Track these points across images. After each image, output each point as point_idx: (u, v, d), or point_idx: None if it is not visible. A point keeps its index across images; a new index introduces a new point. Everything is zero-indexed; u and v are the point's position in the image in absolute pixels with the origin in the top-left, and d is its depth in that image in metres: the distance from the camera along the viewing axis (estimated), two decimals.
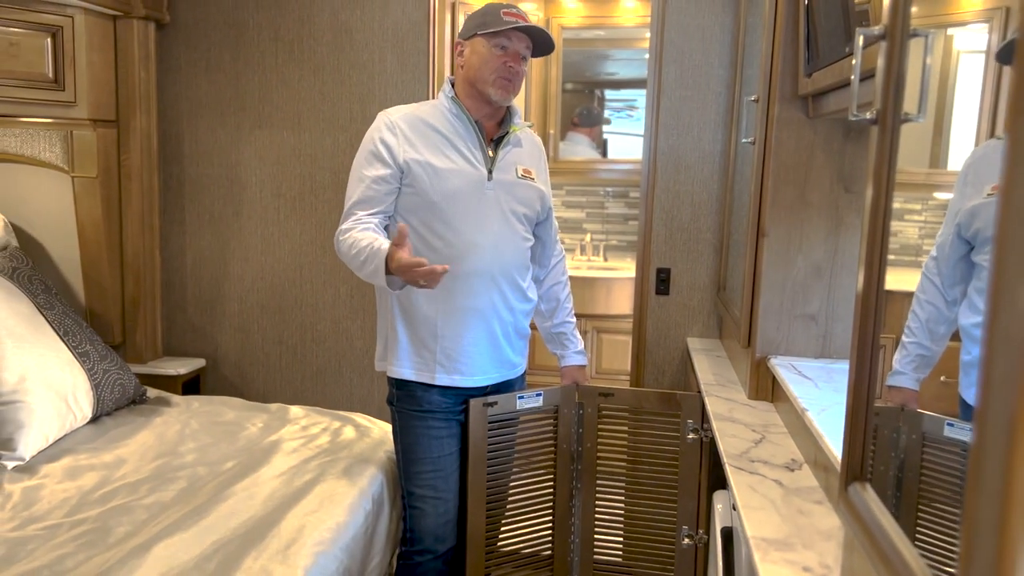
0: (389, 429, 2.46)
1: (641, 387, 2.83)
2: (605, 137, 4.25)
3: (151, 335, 2.99)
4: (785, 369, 1.92)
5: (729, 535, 1.75)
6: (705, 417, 2.09)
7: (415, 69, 2.83)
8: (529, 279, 2.13)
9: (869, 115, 1.03)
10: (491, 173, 1.99)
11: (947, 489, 1.16)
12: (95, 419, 2.42)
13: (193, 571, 1.60)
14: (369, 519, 2.01)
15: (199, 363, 3.03)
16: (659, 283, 2.77)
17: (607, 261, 4.17)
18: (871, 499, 1.01)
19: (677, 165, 2.70)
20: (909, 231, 2.11)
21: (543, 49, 2.02)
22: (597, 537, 2.28)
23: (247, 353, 3.08)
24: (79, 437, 2.30)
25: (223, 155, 2.98)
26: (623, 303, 3.69)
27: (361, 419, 2.56)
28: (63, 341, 2.42)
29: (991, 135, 1.24)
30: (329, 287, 2.99)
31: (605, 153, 4.24)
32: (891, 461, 1.32)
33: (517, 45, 1.96)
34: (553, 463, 2.25)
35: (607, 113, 4.27)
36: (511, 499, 2.22)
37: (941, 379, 1.43)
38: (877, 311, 1.02)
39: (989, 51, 1.21)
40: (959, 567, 0.58)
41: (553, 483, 2.26)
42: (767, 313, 2.03)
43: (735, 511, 1.50)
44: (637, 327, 2.83)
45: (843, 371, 1.92)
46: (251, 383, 3.08)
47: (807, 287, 2.02)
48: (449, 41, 3.53)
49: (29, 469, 2.09)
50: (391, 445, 2.32)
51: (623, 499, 2.29)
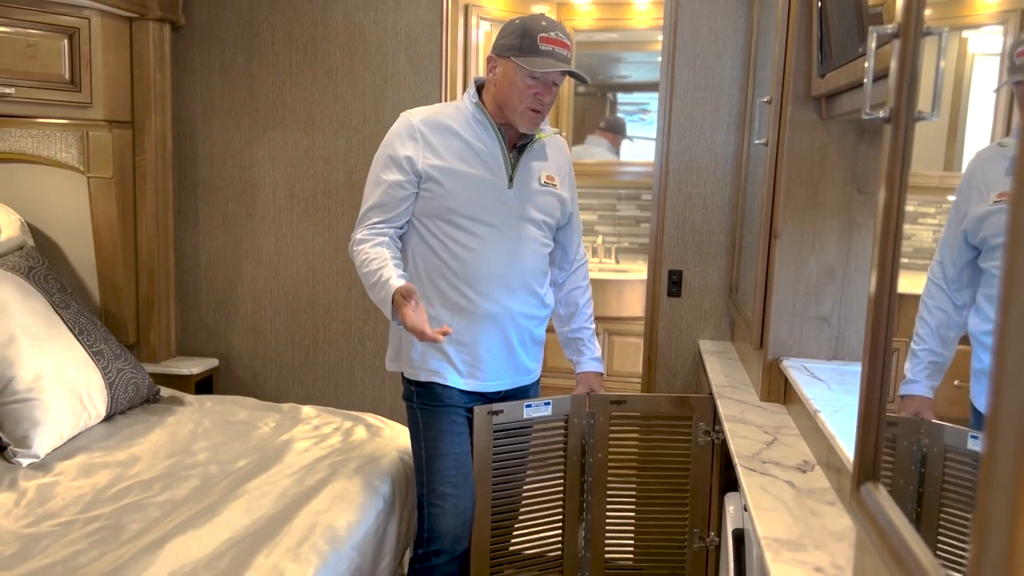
0: (400, 429, 2.47)
1: (652, 390, 2.83)
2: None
3: (165, 335, 3.01)
4: (797, 371, 1.91)
5: (740, 537, 1.74)
6: (717, 419, 2.09)
7: (428, 71, 2.84)
8: (547, 285, 2.10)
9: (883, 113, 1.03)
10: (511, 180, 1.97)
11: (970, 503, 1.15)
12: (109, 418, 2.44)
13: (205, 568, 1.61)
14: (380, 518, 2.02)
15: (212, 363, 3.05)
16: (671, 285, 2.77)
17: (619, 263, 4.16)
18: (883, 499, 1.01)
19: (689, 167, 2.70)
20: (923, 235, 2.10)
21: (576, 75, 1.96)
22: (608, 540, 2.28)
23: (260, 353, 3.09)
24: (93, 435, 2.32)
25: (237, 156, 3.00)
26: (634, 305, 3.69)
27: (373, 419, 2.56)
28: (78, 340, 2.44)
29: (1007, 129, 1.24)
30: (341, 288, 3.00)
31: (617, 155, 4.24)
32: (911, 475, 1.31)
33: (551, 74, 1.90)
34: (563, 473, 2.21)
35: (619, 115, 4.27)
36: (521, 507, 2.20)
37: (955, 383, 1.41)
38: (890, 310, 1.02)
39: (1004, 53, 1.20)
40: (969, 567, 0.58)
41: (563, 492, 2.21)
42: (779, 315, 2.03)
43: (747, 512, 1.49)
44: (649, 329, 2.83)
45: (855, 373, 1.91)
46: (263, 383, 3.09)
47: (820, 289, 2.01)
48: (462, 44, 3.55)
49: (44, 466, 2.11)
50: (402, 445, 2.33)
51: (634, 503, 2.28)
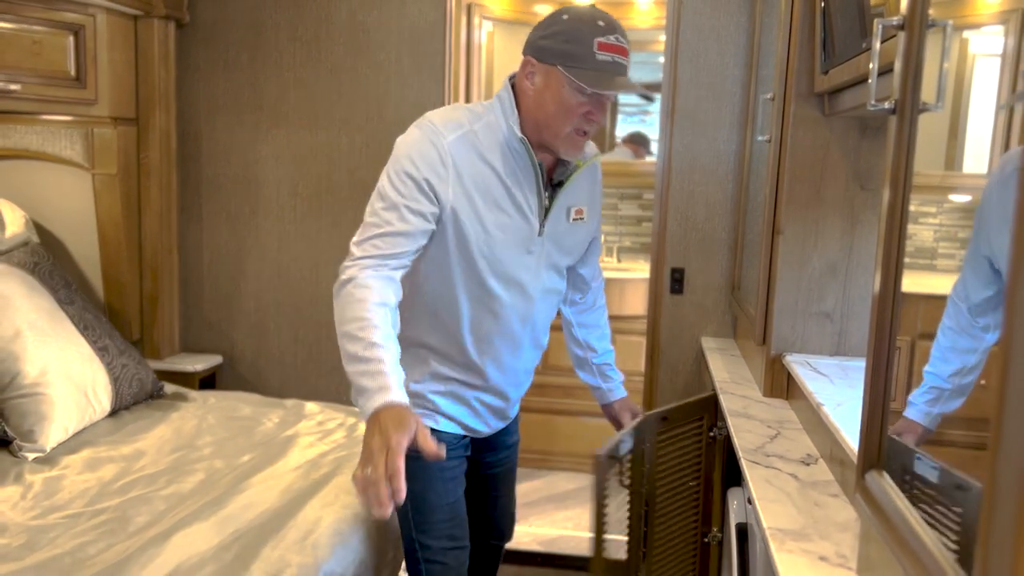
0: None
1: (655, 388, 2.84)
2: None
3: (168, 332, 3.02)
4: (800, 366, 1.92)
5: (743, 532, 1.75)
6: (720, 415, 2.10)
7: (431, 70, 2.86)
8: (548, 330, 1.86)
9: (888, 105, 1.04)
10: (543, 227, 1.66)
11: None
12: (113, 413, 2.45)
13: (212, 560, 1.62)
14: None
15: (216, 360, 3.06)
16: (673, 283, 2.78)
17: (620, 262, 4.17)
18: (888, 486, 1.02)
19: (692, 165, 2.71)
20: (924, 234, 2.11)
21: (646, 96, 1.68)
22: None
23: (263, 350, 3.10)
24: (98, 430, 2.33)
25: (241, 154, 3.01)
26: (636, 304, 3.70)
27: None
28: (83, 336, 2.45)
29: (1007, 138, 1.22)
30: None
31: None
32: None
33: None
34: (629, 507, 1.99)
35: (619, 117, 4.28)
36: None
37: (981, 382, 1.30)
38: (895, 299, 1.03)
39: (1005, 54, 1.21)
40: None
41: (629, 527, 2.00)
42: (782, 311, 2.04)
43: (751, 505, 1.50)
44: (651, 327, 2.84)
45: (858, 368, 1.92)
46: (267, 380, 3.10)
47: (822, 285, 2.02)
48: (465, 43, 3.56)
49: (50, 460, 2.11)
50: None
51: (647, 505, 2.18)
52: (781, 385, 2.06)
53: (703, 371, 2.66)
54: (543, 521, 3.32)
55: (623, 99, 4.29)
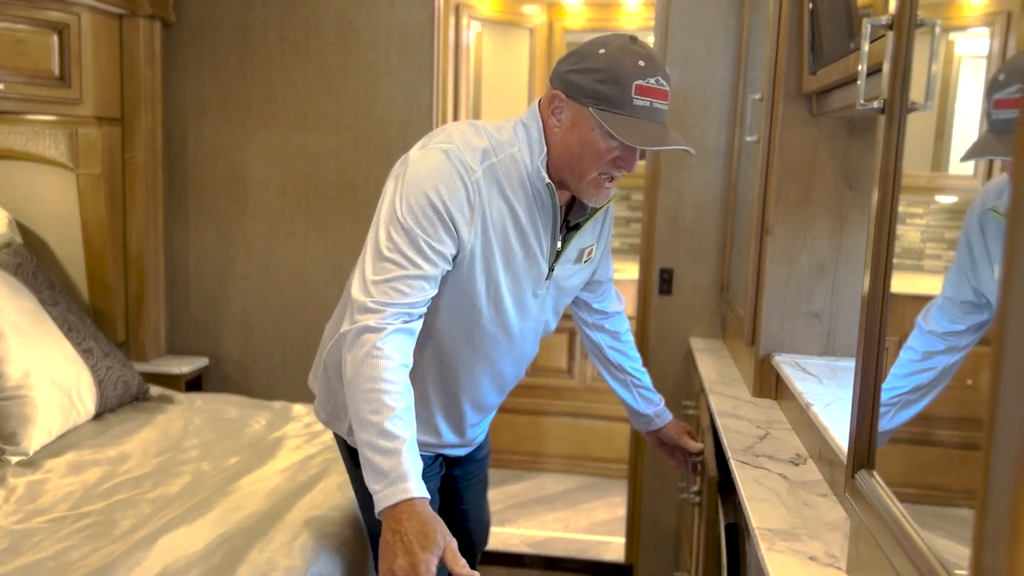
0: None
1: None
2: None
3: (154, 333, 2.99)
4: (789, 366, 1.92)
5: (731, 531, 1.75)
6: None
7: (420, 69, 2.85)
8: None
9: (877, 104, 1.04)
10: (552, 271, 1.55)
11: None
12: (98, 415, 2.42)
13: (198, 563, 1.61)
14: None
15: (202, 362, 3.03)
16: (662, 283, 2.78)
17: None
18: (879, 485, 1.02)
19: (680, 165, 2.71)
20: (911, 235, 2.12)
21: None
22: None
23: (250, 352, 3.08)
24: (82, 433, 2.30)
25: (228, 154, 2.99)
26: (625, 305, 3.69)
27: None
28: (67, 337, 2.42)
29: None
30: (333, 286, 2.99)
31: None
32: None
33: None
34: None
35: None
36: None
37: (967, 383, 1.25)
38: (884, 294, 1.03)
39: (991, 56, 1.21)
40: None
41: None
42: (771, 311, 2.04)
43: (740, 504, 1.50)
44: (640, 327, 2.84)
45: (846, 368, 1.93)
46: (254, 382, 3.08)
47: (811, 285, 2.02)
48: (453, 43, 3.54)
49: (33, 464, 2.09)
50: None
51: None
52: (770, 385, 2.06)
53: (692, 372, 2.66)
54: (532, 523, 3.32)
55: None
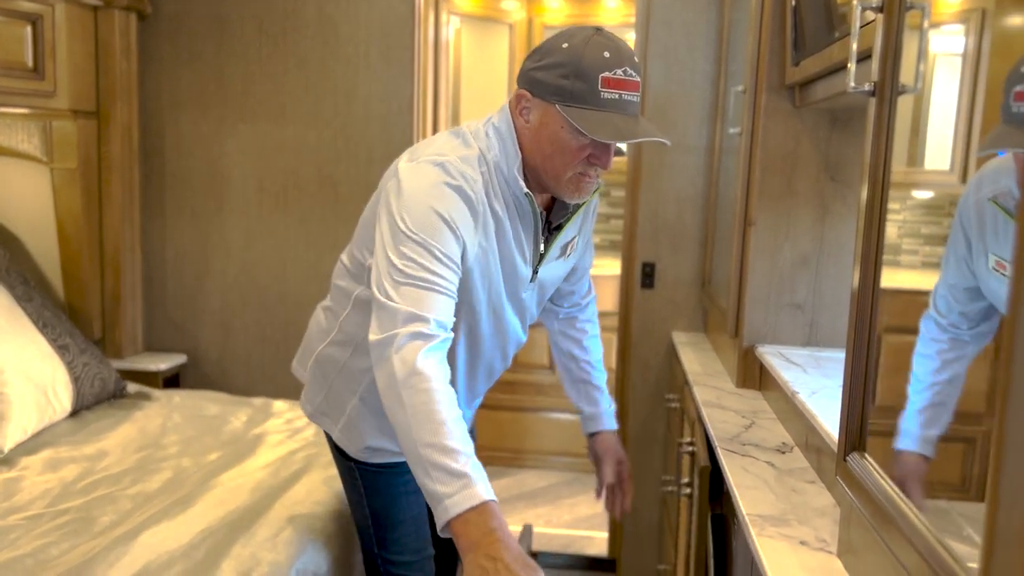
0: None
1: (626, 384, 2.83)
2: None
3: (131, 330, 2.95)
4: (773, 357, 1.93)
5: (718, 521, 1.76)
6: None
7: (400, 65, 2.83)
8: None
9: (867, 86, 1.05)
10: (536, 273, 1.52)
11: None
12: (75, 413, 2.38)
13: (182, 558, 1.58)
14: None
15: (180, 359, 2.99)
16: (644, 277, 2.78)
17: None
18: (871, 467, 1.02)
19: (662, 161, 2.71)
20: (888, 230, 2.14)
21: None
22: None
23: (228, 349, 3.04)
24: (59, 431, 2.26)
25: (205, 148, 2.95)
26: (605, 300, 3.70)
27: None
28: (42, 333, 2.37)
29: (967, 136, 1.20)
30: (313, 282, 2.97)
31: None
32: None
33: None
34: None
35: None
36: None
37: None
38: (876, 272, 1.03)
39: (966, 53, 1.22)
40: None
41: None
42: (754, 302, 2.05)
43: (729, 492, 1.50)
44: (622, 322, 2.84)
45: (830, 358, 1.95)
46: (232, 379, 3.05)
47: (794, 276, 2.04)
48: (432, 38, 3.53)
49: (8, 461, 2.05)
50: None
51: None
52: (754, 376, 2.07)
53: (674, 365, 2.67)
54: (513, 519, 3.30)
55: None
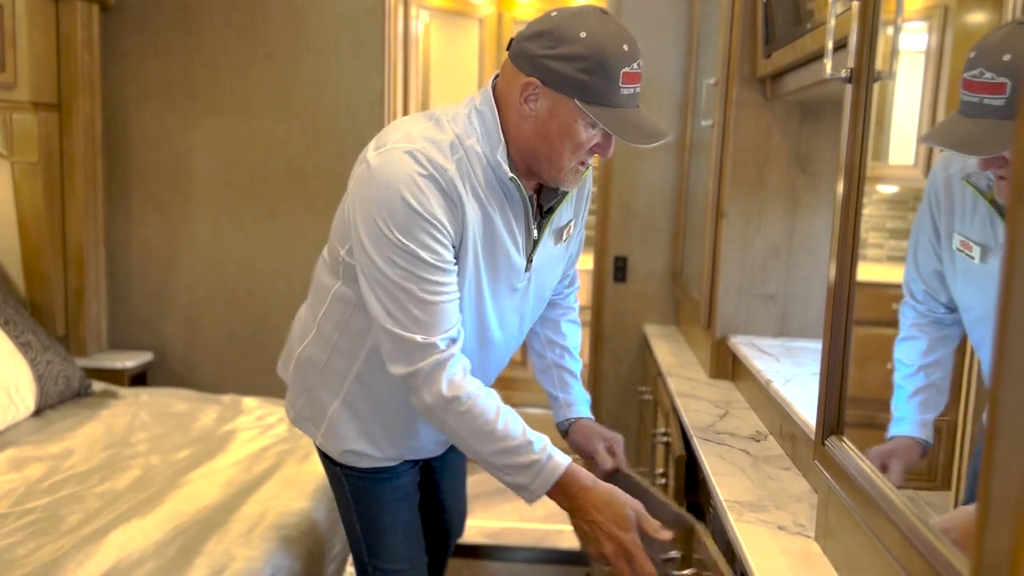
0: None
1: (599, 377, 2.84)
2: None
3: (95, 328, 2.89)
4: (746, 347, 1.95)
5: (693, 510, 1.77)
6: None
7: (370, 56, 2.80)
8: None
9: (844, 73, 1.06)
10: (530, 262, 1.43)
11: None
12: (38, 412, 2.33)
13: (153, 556, 1.55)
14: (332, 504, 1.97)
15: (146, 356, 2.94)
16: (616, 271, 2.79)
17: None
18: (850, 449, 1.03)
19: (633, 154, 2.72)
20: None
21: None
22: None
23: (196, 346, 2.99)
24: (22, 430, 2.20)
25: (171, 142, 2.90)
26: (579, 294, 3.71)
27: None
28: (3, 331, 2.32)
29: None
30: (282, 277, 2.93)
31: None
32: None
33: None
34: None
35: None
36: None
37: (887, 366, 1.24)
38: (853, 255, 1.04)
39: (928, 50, 1.24)
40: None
41: None
42: (727, 293, 2.06)
43: (706, 480, 1.51)
44: (595, 317, 2.85)
45: (802, 348, 1.97)
46: (200, 377, 3.00)
47: (765, 267, 2.06)
48: (402, 32, 3.50)
49: None
50: None
51: None
52: (726, 367, 2.08)
53: (647, 358, 2.68)
54: (487, 514, 3.30)
55: None
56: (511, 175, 1.32)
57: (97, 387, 2.59)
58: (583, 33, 1.24)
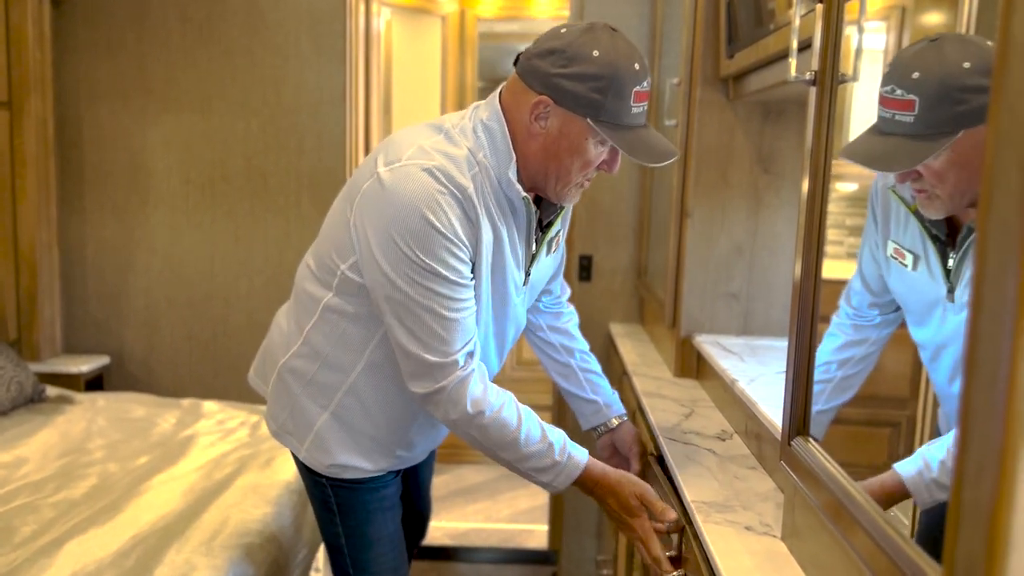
0: None
1: None
2: None
3: (49, 331, 2.81)
4: (711, 346, 1.96)
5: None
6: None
7: (332, 53, 2.77)
8: None
9: (808, 75, 1.06)
10: (528, 276, 1.45)
11: None
12: None
13: (110, 567, 1.51)
14: (296, 510, 1.94)
15: (103, 360, 2.87)
16: (581, 270, 2.79)
17: None
18: (815, 449, 1.04)
19: None
20: None
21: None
22: None
23: (154, 349, 2.93)
24: None
25: (127, 140, 2.83)
26: None
27: None
28: None
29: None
30: (243, 278, 2.88)
31: None
32: None
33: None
34: None
35: None
36: None
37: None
38: (819, 256, 1.05)
39: (887, 50, 1.25)
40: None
41: None
42: (691, 292, 2.07)
43: (673, 480, 1.51)
44: None
45: (765, 347, 1.98)
46: (159, 380, 2.94)
47: (729, 266, 2.07)
48: (363, 29, 3.47)
49: None
50: None
51: None
52: (691, 365, 2.09)
53: (612, 357, 2.69)
54: (453, 515, 3.29)
55: None
56: (524, 194, 1.31)
57: (51, 392, 2.52)
58: (596, 52, 1.23)
